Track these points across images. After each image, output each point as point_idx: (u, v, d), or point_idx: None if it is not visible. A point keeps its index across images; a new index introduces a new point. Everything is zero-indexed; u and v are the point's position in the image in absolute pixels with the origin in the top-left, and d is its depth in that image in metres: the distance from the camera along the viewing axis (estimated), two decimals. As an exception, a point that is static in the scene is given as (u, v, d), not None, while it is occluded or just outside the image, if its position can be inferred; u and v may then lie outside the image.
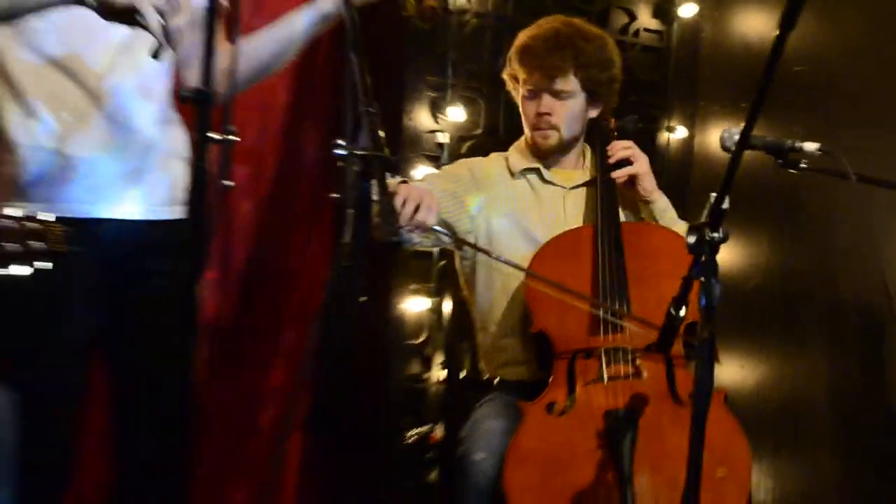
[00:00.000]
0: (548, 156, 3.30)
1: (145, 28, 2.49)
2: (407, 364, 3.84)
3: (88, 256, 2.67)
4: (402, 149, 3.77)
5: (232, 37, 2.89)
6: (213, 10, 2.23)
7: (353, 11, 2.35)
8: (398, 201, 2.84)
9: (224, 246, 3.92)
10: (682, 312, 2.32)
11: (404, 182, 3.02)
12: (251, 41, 2.97)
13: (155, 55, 2.51)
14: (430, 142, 3.82)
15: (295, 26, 2.98)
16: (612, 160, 3.22)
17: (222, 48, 2.72)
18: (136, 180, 2.83)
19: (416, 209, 2.89)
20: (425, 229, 2.93)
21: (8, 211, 2.18)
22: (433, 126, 3.83)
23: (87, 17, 2.57)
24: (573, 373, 3.02)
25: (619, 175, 3.19)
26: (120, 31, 2.67)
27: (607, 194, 3.25)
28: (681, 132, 4.18)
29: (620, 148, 3.23)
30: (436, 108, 3.84)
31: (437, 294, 3.82)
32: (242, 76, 3.00)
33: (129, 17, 2.54)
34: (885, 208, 3.36)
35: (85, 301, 2.82)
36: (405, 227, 2.93)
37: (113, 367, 2.94)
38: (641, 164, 3.20)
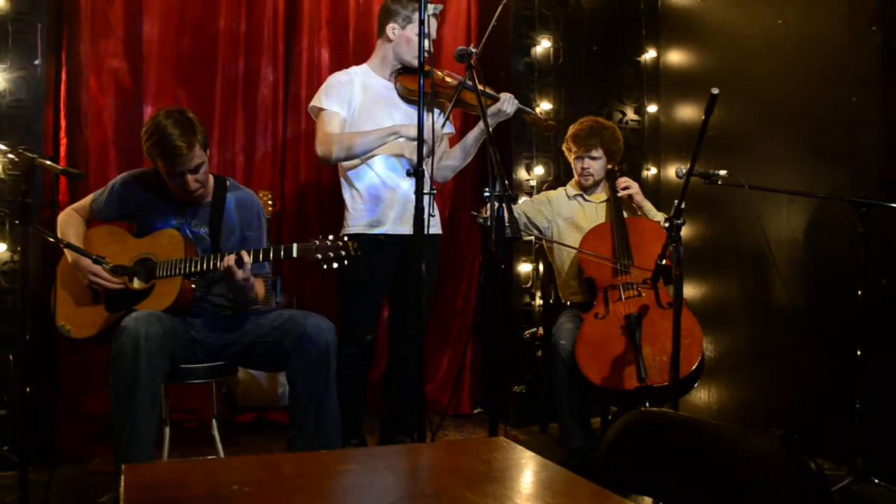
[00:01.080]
0: (587, 189, 3.73)
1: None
2: (522, 297, 4.23)
3: (378, 251, 3.19)
4: (513, 189, 4.13)
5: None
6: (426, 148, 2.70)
7: (490, 129, 2.85)
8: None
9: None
10: (663, 262, 2.74)
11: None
12: (452, 150, 3.39)
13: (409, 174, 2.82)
14: (526, 185, 4.25)
15: (467, 143, 3.35)
16: (619, 187, 3.63)
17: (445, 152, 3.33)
18: (401, 217, 3.26)
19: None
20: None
21: (331, 236, 2.72)
22: (528, 177, 4.26)
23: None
24: (607, 297, 3.39)
25: (623, 194, 3.63)
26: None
27: (617, 205, 3.60)
28: (653, 170, 4.55)
29: (624, 180, 3.66)
30: (528, 168, 4.26)
31: (535, 261, 4.21)
32: (448, 169, 3.43)
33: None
34: (761, 199, 3.61)
35: (381, 273, 3.28)
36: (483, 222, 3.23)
37: (391, 301, 3.40)
38: (635, 188, 3.65)
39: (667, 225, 2.70)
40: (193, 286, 2.84)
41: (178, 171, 2.74)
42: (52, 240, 2.68)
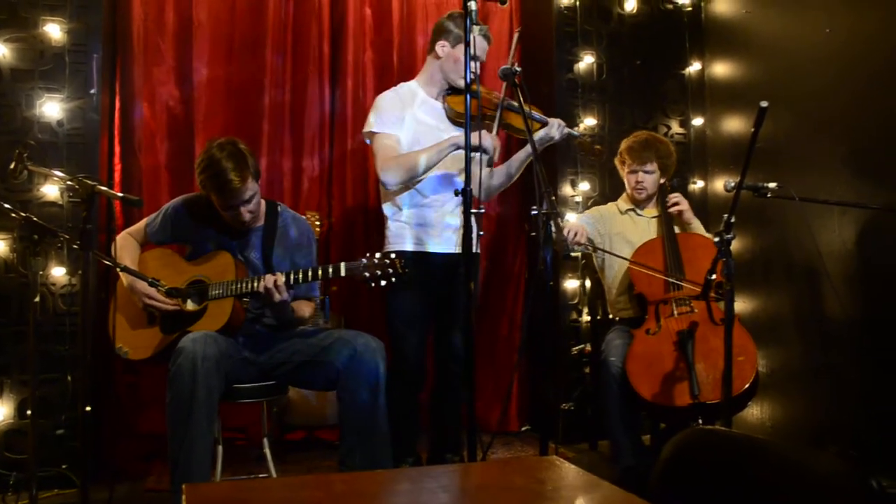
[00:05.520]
0: (639, 203, 3.71)
1: None
2: (569, 313, 4.21)
3: (423, 270, 3.18)
4: (559, 205, 4.11)
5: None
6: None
7: (538, 151, 2.85)
8: (567, 232, 3.29)
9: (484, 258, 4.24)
10: (713, 277, 2.73)
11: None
12: (497, 171, 3.35)
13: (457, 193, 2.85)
14: (571, 202, 4.26)
15: (514, 162, 3.33)
16: (669, 203, 3.61)
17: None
18: (444, 236, 3.25)
19: (576, 234, 3.31)
20: (579, 244, 3.34)
21: (378, 254, 2.73)
22: (573, 193, 4.27)
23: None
24: (658, 312, 3.36)
25: (673, 210, 3.60)
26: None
27: (668, 220, 3.58)
28: (700, 183, 4.53)
29: (674, 196, 3.64)
30: (573, 184, 4.28)
31: (581, 277, 4.19)
32: (492, 190, 3.42)
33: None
34: (812, 212, 3.60)
35: (426, 292, 3.24)
36: (571, 244, 3.27)
37: (437, 319, 3.33)
38: (685, 205, 3.63)
39: (717, 239, 2.67)
40: (246, 307, 2.89)
41: (232, 203, 2.80)
42: (110, 264, 2.75)
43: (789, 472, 1.16)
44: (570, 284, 4.20)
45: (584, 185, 4.25)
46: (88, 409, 2.33)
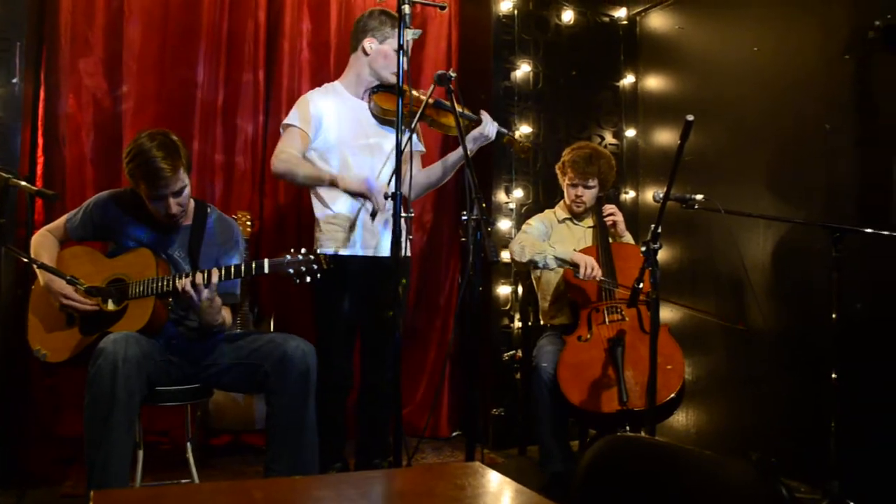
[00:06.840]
0: (577, 214, 3.76)
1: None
2: (501, 319, 4.22)
3: (351, 273, 3.18)
4: (491, 212, 4.18)
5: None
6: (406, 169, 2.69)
7: (469, 153, 2.85)
8: (584, 268, 3.33)
9: (417, 262, 4.20)
10: (641, 285, 2.79)
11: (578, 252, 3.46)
12: (425, 172, 3.34)
13: (373, 215, 2.99)
14: (505, 208, 4.27)
15: (447, 163, 3.31)
16: (605, 213, 3.67)
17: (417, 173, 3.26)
18: (373, 241, 3.24)
19: (593, 270, 3.34)
20: (596, 278, 3.34)
21: (303, 250, 2.68)
22: (507, 200, 4.28)
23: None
24: (590, 319, 3.41)
25: (608, 220, 3.66)
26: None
27: (603, 230, 3.64)
28: (631, 193, 4.61)
29: (609, 208, 3.70)
30: (507, 191, 4.28)
31: (514, 284, 4.22)
32: (421, 188, 3.37)
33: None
34: (738, 224, 3.72)
35: (354, 295, 3.22)
36: (587, 278, 3.31)
37: (364, 323, 3.32)
38: (619, 217, 3.69)
39: (643, 249, 2.71)
40: (170, 308, 2.81)
41: (161, 193, 2.71)
42: (25, 260, 2.62)
43: (703, 479, 1.17)
44: (503, 290, 4.21)
45: (518, 192, 4.27)
46: (-1, 411, 2.23)
